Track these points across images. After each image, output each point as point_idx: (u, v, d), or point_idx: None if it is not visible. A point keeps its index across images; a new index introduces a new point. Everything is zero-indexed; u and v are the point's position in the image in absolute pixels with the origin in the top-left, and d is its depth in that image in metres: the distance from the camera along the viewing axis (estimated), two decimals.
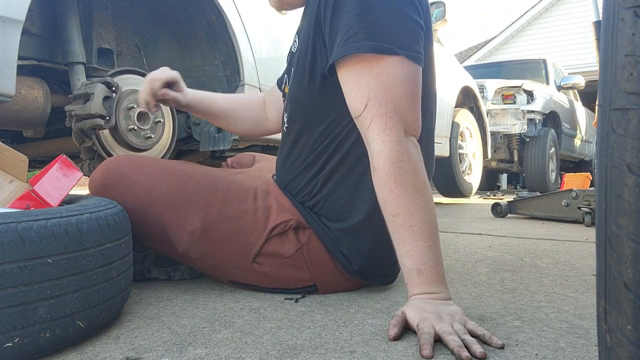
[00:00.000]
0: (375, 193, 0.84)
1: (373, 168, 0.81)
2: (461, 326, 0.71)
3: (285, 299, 0.98)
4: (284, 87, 1.07)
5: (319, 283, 1.01)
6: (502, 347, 0.69)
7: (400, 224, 0.79)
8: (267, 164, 1.36)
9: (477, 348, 0.66)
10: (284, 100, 1.11)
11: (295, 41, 1.03)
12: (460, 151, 4.07)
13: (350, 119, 0.89)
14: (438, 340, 0.70)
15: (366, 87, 0.81)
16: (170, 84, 1.16)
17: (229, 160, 1.51)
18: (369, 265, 1.00)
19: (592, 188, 3.04)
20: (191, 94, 1.19)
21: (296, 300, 0.97)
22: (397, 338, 0.73)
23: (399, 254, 0.80)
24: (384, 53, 0.80)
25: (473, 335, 0.71)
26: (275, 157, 1.22)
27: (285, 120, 1.04)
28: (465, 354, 0.64)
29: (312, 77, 0.93)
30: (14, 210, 0.78)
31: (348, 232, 0.97)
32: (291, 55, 1.05)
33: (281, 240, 0.98)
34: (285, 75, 1.09)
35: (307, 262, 0.98)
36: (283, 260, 0.98)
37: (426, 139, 0.98)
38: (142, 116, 1.63)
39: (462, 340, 0.68)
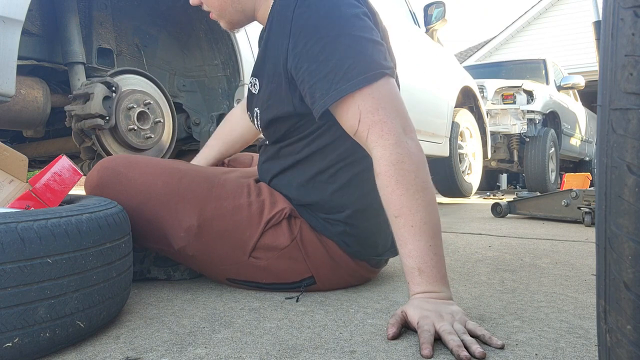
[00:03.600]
0: (363, 191, 0.97)
1: (376, 173, 0.83)
2: (461, 326, 0.71)
3: (286, 298, 0.98)
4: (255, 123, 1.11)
5: (316, 274, 1.02)
6: (501, 348, 0.69)
7: (402, 224, 0.79)
8: None
9: (477, 348, 0.66)
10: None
11: (254, 84, 1.04)
12: (460, 151, 4.07)
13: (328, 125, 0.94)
14: (438, 339, 0.70)
15: (355, 105, 0.83)
16: None
17: (226, 159, 1.52)
18: (360, 245, 1.02)
19: (592, 188, 3.04)
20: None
21: (297, 300, 0.97)
22: (396, 337, 0.74)
23: (401, 253, 0.80)
24: (369, 82, 0.83)
25: (473, 335, 0.71)
26: None
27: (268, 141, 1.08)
28: (465, 353, 0.64)
29: (286, 113, 0.97)
30: (14, 210, 0.78)
31: (341, 221, 1.00)
32: (251, 95, 1.07)
33: (275, 233, 0.99)
34: (249, 113, 1.12)
35: (303, 252, 1.00)
36: (279, 252, 0.99)
37: None
38: (142, 116, 1.63)
39: (462, 340, 0.68)
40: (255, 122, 1.07)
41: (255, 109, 1.05)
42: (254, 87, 1.05)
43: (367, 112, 0.82)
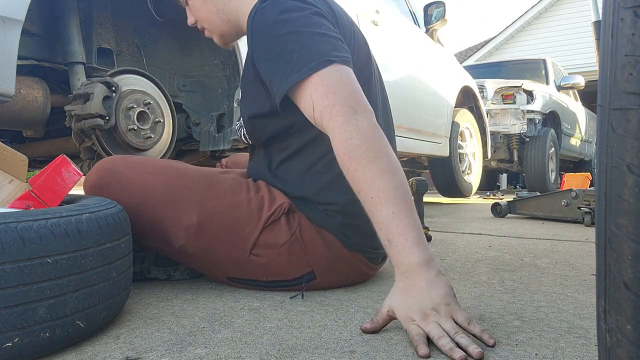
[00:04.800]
0: None
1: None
2: (451, 324, 0.70)
3: (291, 297, 0.99)
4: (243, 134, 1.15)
5: (316, 268, 1.02)
6: (492, 346, 0.69)
7: (364, 199, 0.79)
8: None
9: (474, 349, 0.65)
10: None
11: (239, 96, 1.12)
12: (460, 151, 4.07)
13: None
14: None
15: (308, 94, 0.86)
16: None
17: (224, 160, 1.52)
18: (359, 235, 1.03)
19: (592, 188, 3.04)
20: None
21: (302, 297, 0.97)
22: (367, 331, 0.76)
23: (376, 230, 0.79)
24: (315, 70, 0.86)
25: (464, 329, 0.70)
26: None
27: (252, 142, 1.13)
28: (459, 354, 0.64)
29: (268, 106, 1.00)
30: (14, 210, 0.78)
31: (339, 212, 1.01)
32: (238, 110, 1.14)
33: (274, 229, 0.99)
34: (238, 131, 1.18)
35: (302, 246, 1.00)
36: (279, 249, 0.99)
37: (384, 120, 1.11)
38: (142, 116, 1.63)
39: (457, 342, 0.67)
40: (242, 132, 1.11)
41: (240, 120, 1.10)
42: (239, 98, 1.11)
43: (318, 99, 0.85)
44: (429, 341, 0.69)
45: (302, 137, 1.01)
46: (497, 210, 2.94)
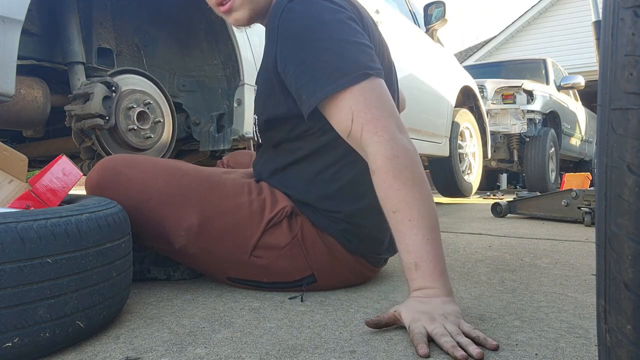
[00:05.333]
0: (365, 188, 0.92)
1: (372, 172, 0.83)
2: (454, 327, 0.70)
3: (290, 298, 0.98)
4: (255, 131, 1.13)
5: (317, 271, 1.02)
6: (496, 349, 0.69)
7: (400, 219, 0.79)
8: None
9: (474, 349, 0.65)
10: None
11: (255, 91, 1.10)
12: (460, 151, 4.07)
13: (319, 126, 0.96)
14: (432, 341, 0.70)
15: (347, 105, 0.84)
16: None
17: (224, 158, 1.52)
18: (362, 241, 1.03)
19: (592, 188, 3.04)
20: None
21: (302, 299, 0.97)
22: (370, 325, 0.76)
23: (400, 250, 0.80)
24: (354, 82, 0.84)
25: (467, 336, 0.70)
26: None
27: (260, 139, 1.11)
28: (461, 352, 0.64)
29: (282, 105, 0.98)
30: (13, 210, 0.78)
31: (343, 220, 1.00)
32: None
33: (276, 232, 0.99)
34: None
35: (303, 249, 1.00)
36: (280, 251, 0.99)
37: None
38: (142, 116, 1.63)
39: (458, 342, 0.67)
40: (254, 129, 1.10)
41: (254, 116, 1.09)
42: (254, 94, 1.09)
43: (360, 111, 0.83)
44: (430, 342, 0.69)
45: (313, 142, 1.00)
46: (497, 210, 2.94)
